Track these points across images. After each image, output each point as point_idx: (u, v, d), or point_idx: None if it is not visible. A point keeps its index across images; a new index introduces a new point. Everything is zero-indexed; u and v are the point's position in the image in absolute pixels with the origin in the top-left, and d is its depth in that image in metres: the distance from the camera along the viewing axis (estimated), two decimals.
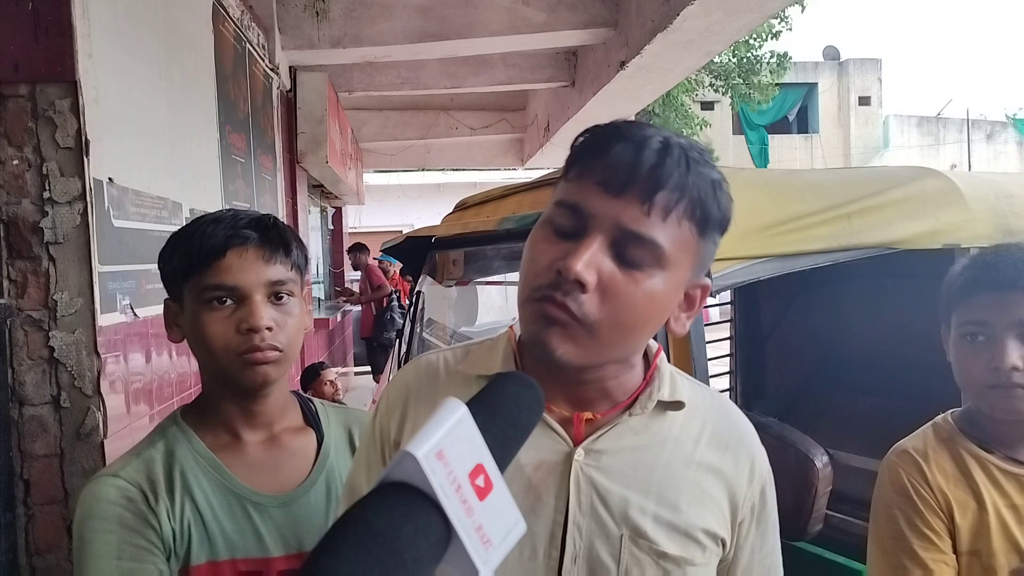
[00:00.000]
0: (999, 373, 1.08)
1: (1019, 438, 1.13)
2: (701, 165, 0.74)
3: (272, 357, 1.04)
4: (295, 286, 1.10)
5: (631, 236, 0.72)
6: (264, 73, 3.94)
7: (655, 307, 0.74)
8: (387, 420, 0.87)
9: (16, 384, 1.79)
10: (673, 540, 0.79)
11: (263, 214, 1.11)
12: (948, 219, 1.59)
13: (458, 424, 0.52)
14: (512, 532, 0.53)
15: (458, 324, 3.23)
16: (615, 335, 0.74)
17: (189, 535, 0.99)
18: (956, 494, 1.13)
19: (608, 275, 0.72)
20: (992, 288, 1.11)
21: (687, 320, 0.80)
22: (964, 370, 1.15)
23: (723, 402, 0.91)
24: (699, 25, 3.52)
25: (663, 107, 13.34)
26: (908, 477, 1.14)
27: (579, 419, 0.80)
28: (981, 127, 21.51)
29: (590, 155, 0.75)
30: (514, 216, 1.75)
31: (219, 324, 1.03)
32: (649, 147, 0.72)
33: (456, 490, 0.50)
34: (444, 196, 11.12)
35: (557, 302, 0.72)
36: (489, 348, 0.88)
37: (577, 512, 0.78)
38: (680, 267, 0.75)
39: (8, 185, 1.76)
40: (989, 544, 1.10)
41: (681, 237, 0.73)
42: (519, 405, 0.62)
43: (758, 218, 1.42)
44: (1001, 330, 1.09)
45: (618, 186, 0.72)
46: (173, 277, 1.09)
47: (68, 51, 1.76)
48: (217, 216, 1.08)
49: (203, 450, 1.06)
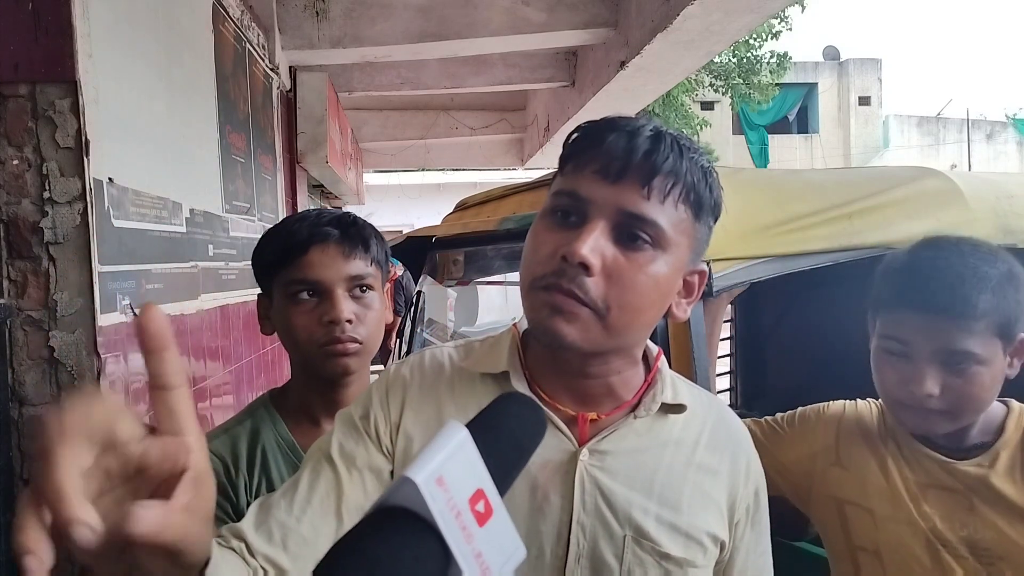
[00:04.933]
0: (913, 396, 1.03)
1: (933, 436, 1.11)
2: (691, 152, 0.77)
3: (352, 349, 1.10)
4: (375, 280, 1.15)
5: (632, 218, 0.73)
6: (264, 73, 3.94)
7: (658, 289, 0.76)
8: (387, 398, 0.84)
9: (16, 384, 1.79)
10: (675, 541, 0.79)
11: (344, 212, 1.18)
12: (949, 219, 1.59)
13: (459, 448, 0.51)
14: (512, 558, 0.52)
15: (458, 324, 3.23)
16: (621, 316, 0.74)
17: None
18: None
19: (611, 259, 0.73)
20: (920, 309, 1.02)
21: (688, 306, 0.82)
22: (880, 380, 1.10)
23: (719, 404, 0.92)
24: (699, 25, 3.52)
25: (663, 107, 13.34)
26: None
27: (584, 419, 0.81)
28: (981, 127, 21.51)
29: (585, 147, 0.77)
30: (514, 216, 1.75)
31: (303, 317, 1.10)
32: (642, 135, 0.75)
33: (456, 516, 0.49)
34: (444, 196, 11.12)
35: (563, 289, 0.72)
36: (492, 345, 0.88)
37: (581, 512, 0.79)
38: (679, 249, 0.76)
39: (8, 185, 1.76)
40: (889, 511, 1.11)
41: (679, 219, 0.75)
42: (522, 427, 0.62)
43: (758, 218, 1.42)
44: (922, 354, 1.02)
45: (616, 172, 0.73)
46: (264, 272, 1.16)
47: (68, 51, 1.76)
48: (303, 215, 1.16)
49: (285, 433, 1.13)
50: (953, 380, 1.01)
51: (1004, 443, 1.07)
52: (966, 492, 1.07)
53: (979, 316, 0.99)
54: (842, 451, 1.19)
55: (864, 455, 1.16)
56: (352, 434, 0.81)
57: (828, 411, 1.25)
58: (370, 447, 0.80)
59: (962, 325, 0.99)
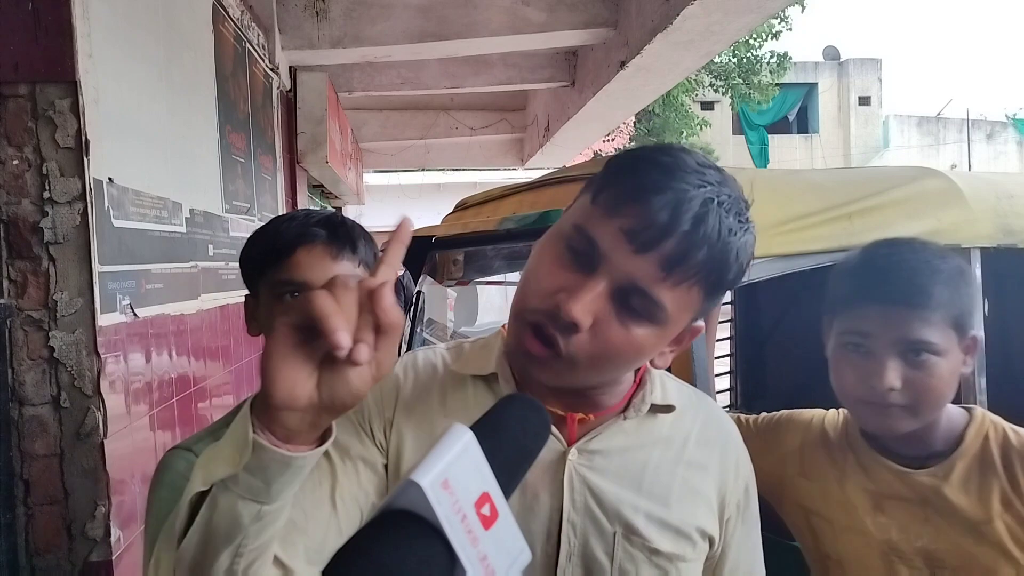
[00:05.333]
0: (874, 392, 1.02)
1: (893, 443, 1.10)
2: (734, 233, 0.72)
3: None
4: None
5: (639, 293, 0.71)
6: (264, 73, 3.94)
7: (641, 354, 0.75)
8: (381, 395, 0.83)
9: (16, 384, 1.79)
10: (665, 537, 0.80)
11: (332, 212, 1.16)
12: (949, 219, 1.58)
13: (464, 451, 0.51)
14: (517, 561, 0.52)
15: (458, 324, 3.23)
16: (595, 370, 0.74)
17: None
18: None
19: (603, 319, 0.71)
20: (879, 301, 1.02)
21: (671, 355, 0.80)
22: (839, 380, 1.08)
23: (708, 402, 0.93)
24: (699, 25, 3.52)
25: (663, 107, 13.34)
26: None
27: (573, 419, 0.81)
28: (981, 127, 21.52)
29: (624, 195, 0.71)
30: (514, 216, 1.75)
31: None
32: (687, 210, 0.68)
33: (461, 520, 0.49)
34: (444, 196, 11.11)
35: (546, 335, 0.72)
36: (482, 347, 0.88)
37: (571, 510, 0.79)
38: (677, 325, 0.75)
39: (8, 185, 1.76)
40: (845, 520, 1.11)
41: (688, 300, 0.73)
42: (525, 430, 0.61)
43: (758, 218, 1.40)
44: (883, 346, 1.02)
45: (643, 244, 0.69)
46: (251, 273, 1.15)
47: (68, 51, 1.76)
48: (291, 215, 1.14)
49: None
50: (913, 373, 1.01)
51: (961, 453, 1.06)
52: (921, 503, 1.06)
53: (935, 307, 1.00)
54: (805, 461, 1.18)
55: (824, 466, 1.16)
56: (346, 427, 0.81)
57: (796, 419, 1.24)
58: (364, 439, 0.80)
59: (920, 315, 1.00)
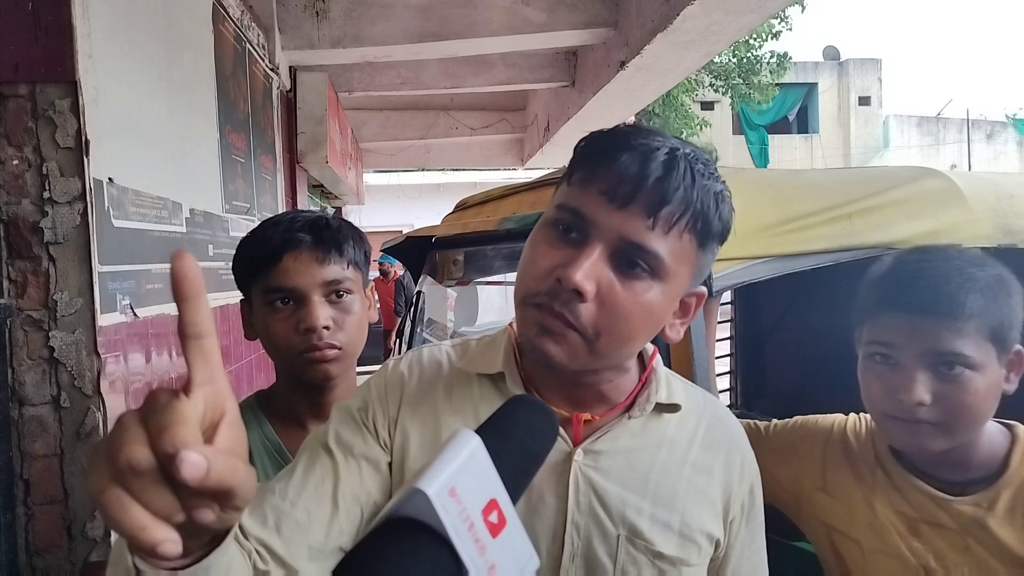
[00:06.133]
0: (902, 406, 0.96)
1: (926, 464, 1.04)
2: (706, 178, 0.73)
3: (331, 355, 1.08)
4: (353, 284, 1.13)
5: (633, 247, 0.71)
6: (264, 73, 3.94)
7: (651, 317, 0.74)
8: (386, 393, 0.84)
9: (16, 384, 1.79)
10: (669, 540, 0.80)
11: (318, 215, 1.16)
12: (949, 219, 1.58)
13: (471, 458, 0.50)
14: (525, 569, 0.51)
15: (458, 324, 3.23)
16: (611, 343, 0.74)
17: None
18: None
19: (607, 285, 0.71)
20: (904, 309, 0.97)
21: (681, 327, 0.80)
22: (867, 393, 1.03)
23: (714, 403, 0.92)
24: (699, 25, 3.52)
25: (663, 107, 13.35)
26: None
27: (578, 420, 0.81)
28: (981, 127, 21.50)
29: (595, 162, 0.74)
30: (514, 216, 1.75)
31: (280, 324, 1.09)
32: (655, 159, 0.71)
33: (468, 528, 0.48)
34: (444, 196, 11.12)
35: (555, 311, 0.71)
36: (488, 346, 0.88)
37: (575, 511, 0.79)
38: (678, 278, 0.75)
39: (8, 185, 1.76)
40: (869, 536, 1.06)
41: (681, 249, 0.73)
42: (533, 434, 0.60)
43: (758, 218, 1.42)
44: (909, 358, 0.96)
45: (623, 198, 0.71)
46: (242, 279, 1.15)
47: (68, 51, 1.76)
48: (277, 219, 1.14)
49: (271, 435, 1.12)
50: (944, 387, 0.95)
51: (1007, 481, 0.99)
52: (961, 532, 0.99)
53: (967, 316, 0.93)
54: (828, 476, 1.13)
55: (850, 483, 1.10)
56: (350, 424, 0.81)
57: (814, 428, 1.20)
58: (368, 438, 0.80)
59: (949, 325, 0.94)
